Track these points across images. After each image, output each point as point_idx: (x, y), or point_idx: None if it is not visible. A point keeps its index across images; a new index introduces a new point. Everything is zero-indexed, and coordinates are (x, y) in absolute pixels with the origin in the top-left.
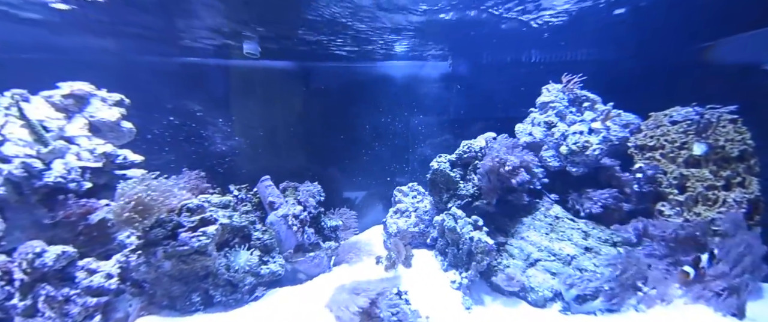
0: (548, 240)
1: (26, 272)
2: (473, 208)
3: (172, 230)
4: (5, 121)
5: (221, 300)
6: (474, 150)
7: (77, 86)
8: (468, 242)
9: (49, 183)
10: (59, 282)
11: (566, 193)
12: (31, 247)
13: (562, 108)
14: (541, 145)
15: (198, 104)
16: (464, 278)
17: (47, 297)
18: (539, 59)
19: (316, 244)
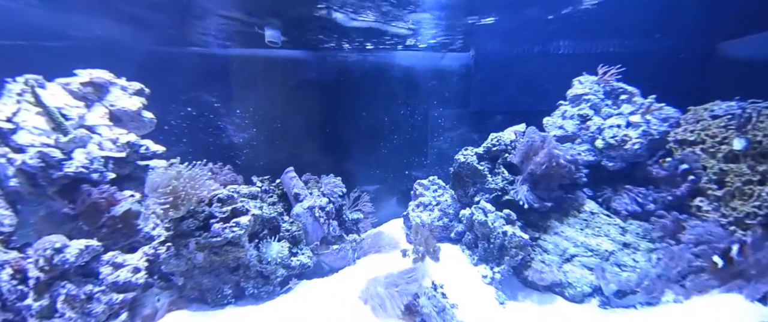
0: (584, 236)
1: (43, 269)
2: (504, 202)
3: (204, 220)
4: (17, 108)
5: (253, 292)
6: (504, 143)
7: (96, 74)
8: (501, 237)
9: (70, 173)
10: (81, 279)
11: (600, 188)
12: (50, 242)
13: (597, 100)
14: (574, 139)
15: (215, 95)
16: (497, 273)
17: (68, 296)
18: (566, 51)
19: (339, 236)
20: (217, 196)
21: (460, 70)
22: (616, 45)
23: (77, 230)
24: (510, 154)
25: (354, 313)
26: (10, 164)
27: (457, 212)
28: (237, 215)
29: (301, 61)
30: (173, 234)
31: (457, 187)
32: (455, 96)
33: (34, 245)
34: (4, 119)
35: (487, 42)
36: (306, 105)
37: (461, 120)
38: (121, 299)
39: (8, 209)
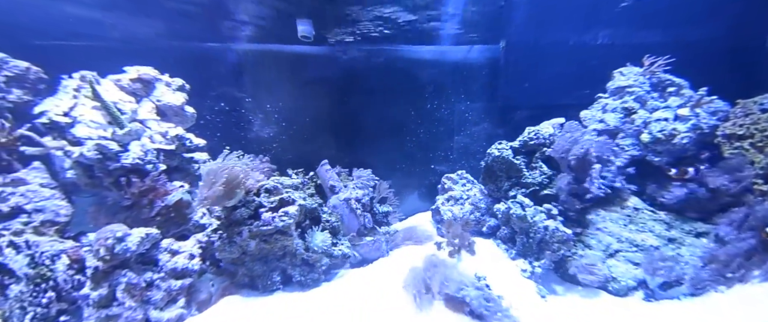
0: (628, 231)
1: (104, 259)
2: (541, 197)
3: (254, 210)
4: (74, 103)
5: (300, 280)
6: (542, 136)
7: (143, 70)
8: (542, 231)
9: (126, 165)
10: (140, 267)
11: (643, 183)
12: (111, 231)
13: (642, 93)
14: (616, 133)
15: (246, 90)
16: (537, 267)
17: (128, 285)
18: (604, 41)
19: (372, 228)
20: (265, 186)
21: (489, 63)
22: (659, 35)
23: (132, 219)
24: (548, 148)
25: (396, 302)
26: (67, 156)
27: (489, 206)
28: (284, 205)
29: (329, 56)
30: (226, 223)
31: (489, 181)
32: (483, 89)
33: (95, 235)
34: (61, 113)
35: (520, 32)
36: (333, 99)
37: (488, 114)
38: (179, 286)
39: (64, 199)
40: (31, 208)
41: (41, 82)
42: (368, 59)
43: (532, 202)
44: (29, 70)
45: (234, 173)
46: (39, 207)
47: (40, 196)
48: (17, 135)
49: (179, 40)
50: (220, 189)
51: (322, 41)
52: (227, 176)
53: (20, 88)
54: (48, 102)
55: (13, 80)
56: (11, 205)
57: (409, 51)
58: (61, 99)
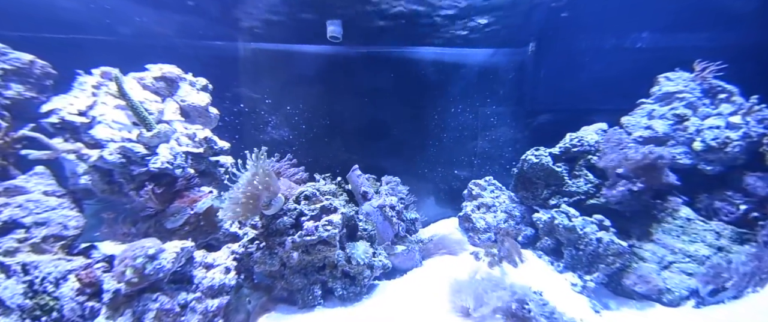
0: (681, 242)
1: (131, 282)
2: (587, 206)
3: (296, 218)
4: (93, 101)
5: (342, 294)
6: (587, 143)
7: (167, 68)
8: (594, 244)
9: (153, 170)
10: (173, 287)
11: (695, 193)
12: (142, 248)
13: (693, 99)
14: (665, 141)
15: (266, 91)
16: (590, 281)
17: (160, 312)
18: (643, 44)
19: (403, 237)
20: (304, 193)
21: (516, 66)
22: (701, 38)
23: (154, 229)
24: (594, 155)
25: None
26: (83, 160)
27: (523, 214)
28: (326, 213)
29: (352, 58)
30: (265, 232)
31: (522, 188)
32: (509, 93)
33: (123, 252)
34: (76, 113)
35: (551, 35)
36: (354, 102)
37: (515, 118)
38: (216, 306)
39: (73, 209)
40: (30, 221)
41: (48, 77)
42: (390, 61)
43: (578, 212)
44: (33, 63)
45: (274, 179)
46: (41, 220)
47: (44, 206)
48: (16, 136)
49: (196, 37)
50: (263, 194)
51: (345, 42)
52: (267, 182)
53: (22, 83)
54: (59, 100)
55: (12, 74)
56: (3, 219)
57: (432, 53)
58: (77, 97)
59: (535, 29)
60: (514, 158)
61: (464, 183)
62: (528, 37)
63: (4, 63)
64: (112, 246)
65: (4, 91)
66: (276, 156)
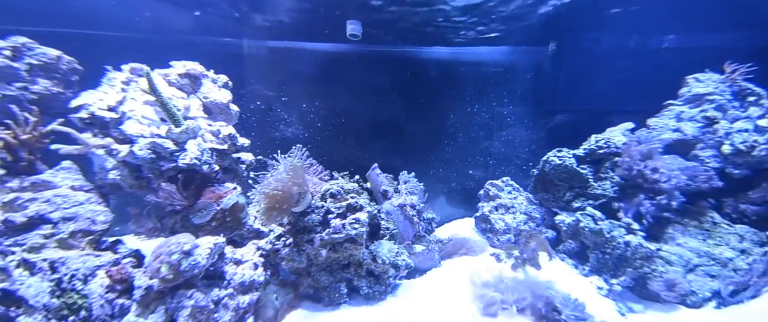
0: (707, 245)
1: (166, 279)
2: (613, 209)
3: (324, 216)
4: (122, 97)
5: (367, 292)
6: (614, 145)
7: (190, 65)
8: (622, 247)
9: (182, 166)
10: (205, 283)
11: (721, 196)
12: (177, 244)
13: (723, 102)
14: (694, 144)
15: (283, 89)
16: (616, 285)
17: (195, 309)
18: (669, 44)
19: (422, 236)
20: (330, 191)
21: (534, 66)
22: (728, 39)
23: (181, 224)
24: (621, 157)
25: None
26: (112, 155)
27: (544, 216)
28: (352, 211)
29: (368, 56)
30: (293, 229)
31: (542, 190)
32: (527, 93)
33: (155, 249)
34: (106, 108)
35: (574, 35)
36: (370, 101)
37: (532, 118)
38: (247, 302)
39: (101, 203)
40: (58, 217)
41: (74, 73)
42: (406, 60)
43: (604, 215)
44: (60, 59)
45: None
46: (69, 215)
47: (72, 201)
48: (45, 131)
49: (211, 34)
50: (294, 191)
51: (365, 41)
52: (300, 180)
53: (48, 78)
54: (88, 95)
55: (39, 69)
56: (29, 214)
57: (449, 52)
58: (106, 92)
59: (556, 28)
60: (531, 159)
61: (478, 183)
62: (548, 36)
63: (31, 58)
64: (135, 241)
65: (31, 86)
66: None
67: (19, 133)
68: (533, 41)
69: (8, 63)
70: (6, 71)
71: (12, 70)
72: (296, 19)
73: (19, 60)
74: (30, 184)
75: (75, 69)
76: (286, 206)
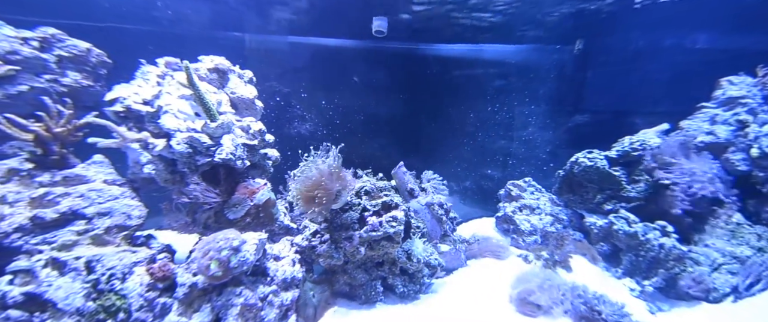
0: (730, 245)
1: (215, 276)
2: (647, 212)
3: (361, 213)
4: (158, 91)
5: (402, 291)
6: (649, 147)
7: (218, 61)
8: (656, 249)
9: (217, 161)
10: (251, 280)
11: (746, 197)
12: (226, 240)
13: (755, 105)
14: (726, 147)
15: (302, 85)
16: (648, 286)
17: (244, 307)
18: (703, 45)
19: (447, 236)
20: (364, 188)
21: (558, 65)
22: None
23: (214, 219)
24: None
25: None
26: (147, 149)
27: (570, 218)
28: (388, 209)
29: (389, 54)
30: (329, 226)
31: (568, 191)
32: (550, 93)
33: (202, 245)
34: (141, 102)
35: (602, 34)
36: (389, 98)
37: (555, 118)
38: (290, 299)
39: (135, 198)
40: (92, 212)
41: (103, 66)
42: (427, 58)
43: (637, 218)
44: (90, 51)
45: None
46: (104, 210)
47: (107, 196)
48: (79, 124)
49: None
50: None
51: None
52: (340, 174)
53: (78, 71)
54: (122, 89)
55: (68, 61)
56: (61, 210)
57: (469, 50)
58: (141, 86)
59: (583, 27)
60: (552, 160)
61: (497, 183)
62: (574, 34)
63: (61, 49)
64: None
65: (61, 78)
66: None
67: (51, 125)
68: (558, 40)
69: (37, 54)
70: (34, 63)
71: (41, 61)
72: (317, 14)
73: (49, 51)
74: (62, 178)
75: (104, 62)
76: (326, 202)
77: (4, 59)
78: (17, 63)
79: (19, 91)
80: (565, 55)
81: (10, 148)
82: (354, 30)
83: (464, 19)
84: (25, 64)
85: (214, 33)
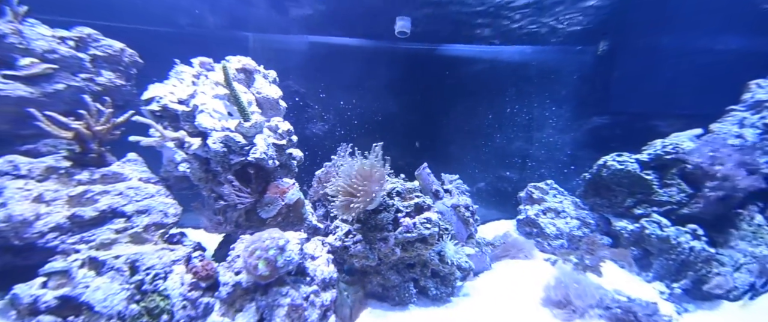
0: (751, 246)
1: (262, 275)
2: (678, 216)
3: (395, 214)
4: (193, 91)
5: (435, 293)
6: (682, 151)
7: (245, 61)
8: (687, 252)
9: (251, 160)
10: (292, 279)
11: (766, 200)
12: (272, 239)
13: None
14: (753, 150)
15: (321, 85)
16: (677, 288)
17: (291, 307)
18: (734, 46)
19: (471, 238)
20: (395, 189)
21: (581, 67)
22: None
23: (245, 218)
24: (689, 163)
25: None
26: (182, 148)
27: (597, 222)
28: (420, 211)
29: (407, 54)
30: (363, 226)
31: (594, 195)
32: (572, 95)
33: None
34: (177, 101)
35: (629, 35)
36: (407, 99)
37: (577, 121)
38: (330, 299)
39: (169, 196)
40: (131, 210)
41: (134, 66)
42: (446, 59)
43: (669, 222)
44: (123, 51)
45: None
46: (142, 207)
47: (144, 193)
48: (118, 122)
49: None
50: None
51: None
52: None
53: (112, 70)
54: (157, 88)
55: (103, 61)
56: (101, 208)
57: (489, 51)
58: (176, 86)
59: (608, 27)
60: (572, 162)
61: (514, 186)
62: (598, 35)
63: (96, 49)
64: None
65: (96, 77)
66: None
67: (92, 123)
68: (581, 41)
69: (74, 53)
70: (71, 61)
71: (77, 60)
72: (336, 14)
73: (84, 51)
74: (100, 176)
75: (136, 62)
76: (364, 202)
77: (42, 58)
78: (55, 62)
79: (55, 89)
80: (587, 56)
81: (44, 147)
82: (374, 30)
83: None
84: (63, 62)
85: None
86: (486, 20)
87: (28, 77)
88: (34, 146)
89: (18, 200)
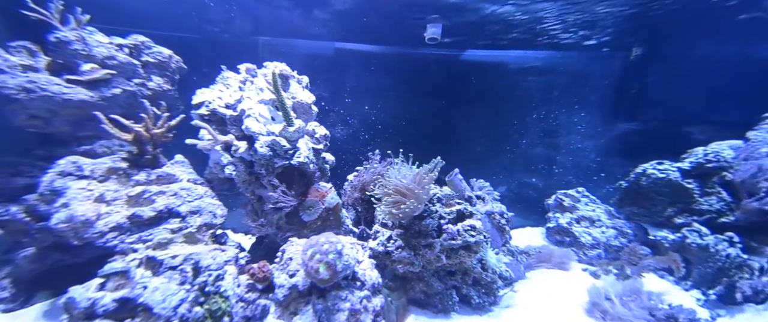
0: None
1: (323, 279)
2: (718, 225)
3: (439, 221)
4: (240, 96)
5: (478, 302)
6: (723, 159)
7: (281, 66)
8: (723, 260)
9: (294, 164)
10: (346, 284)
11: None
12: (330, 243)
13: None
14: None
15: (347, 90)
16: (712, 294)
17: (352, 312)
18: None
19: (505, 245)
20: (436, 195)
21: (612, 72)
22: None
23: (285, 220)
24: (728, 172)
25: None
26: (228, 151)
27: (635, 232)
28: (462, 218)
29: (432, 60)
30: (407, 232)
31: (631, 204)
32: (603, 101)
33: (306, 248)
34: (224, 106)
35: (663, 40)
36: (432, 104)
37: (607, 127)
38: (379, 305)
39: (214, 197)
40: (185, 210)
41: (179, 72)
42: (471, 64)
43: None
44: (171, 58)
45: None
46: (194, 208)
47: (194, 194)
48: (172, 124)
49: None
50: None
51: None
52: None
53: (161, 76)
54: (206, 93)
55: (153, 66)
56: (158, 208)
57: (516, 56)
58: (222, 91)
59: (641, 33)
60: (602, 170)
61: (540, 193)
62: (631, 41)
63: (148, 56)
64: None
65: (147, 82)
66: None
67: (151, 126)
68: (613, 46)
69: (130, 60)
70: (127, 68)
71: (132, 66)
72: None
73: (138, 57)
74: (156, 177)
75: (180, 68)
76: (411, 208)
77: (102, 64)
78: (113, 67)
79: (113, 93)
80: (619, 62)
81: (100, 148)
82: (400, 36)
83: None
84: (120, 68)
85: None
86: (518, 30)
87: (89, 82)
88: (90, 147)
89: (80, 200)
